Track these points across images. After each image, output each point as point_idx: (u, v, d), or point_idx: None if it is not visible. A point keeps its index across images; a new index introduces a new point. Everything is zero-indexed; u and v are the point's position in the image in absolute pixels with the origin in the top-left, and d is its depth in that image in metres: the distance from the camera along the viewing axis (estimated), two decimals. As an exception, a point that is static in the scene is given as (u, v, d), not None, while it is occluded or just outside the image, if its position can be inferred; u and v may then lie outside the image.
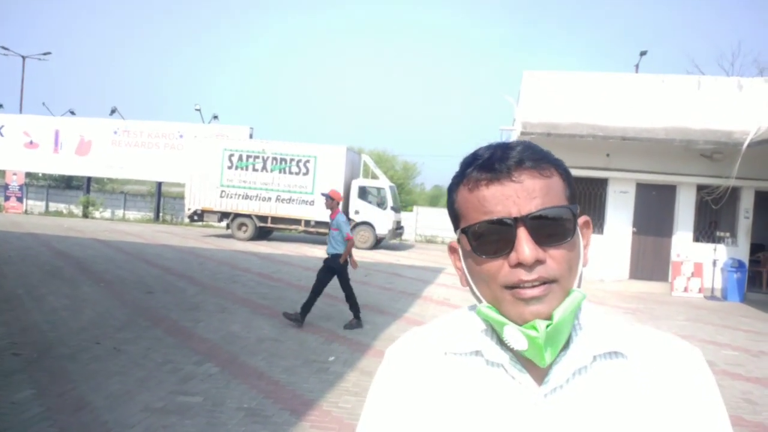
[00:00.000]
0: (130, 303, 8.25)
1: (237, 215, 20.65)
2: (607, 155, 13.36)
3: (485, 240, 0.80)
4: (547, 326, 0.77)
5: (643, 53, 25.90)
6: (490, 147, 0.84)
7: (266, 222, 20.58)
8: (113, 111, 26.94)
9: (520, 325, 0.78)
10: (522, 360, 0.83)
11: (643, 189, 13.59)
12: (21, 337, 6.09)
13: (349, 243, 7.46)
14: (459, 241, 0.87)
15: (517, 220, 0.78)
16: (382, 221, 19.97)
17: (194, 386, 4.91)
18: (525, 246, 0.77)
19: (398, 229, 21.25)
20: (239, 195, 20.62)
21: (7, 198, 27.38)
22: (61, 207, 28.28)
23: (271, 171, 20.52)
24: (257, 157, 20.65)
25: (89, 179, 28.05)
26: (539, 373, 0.82)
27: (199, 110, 27.41)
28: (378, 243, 20.39)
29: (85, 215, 27.26)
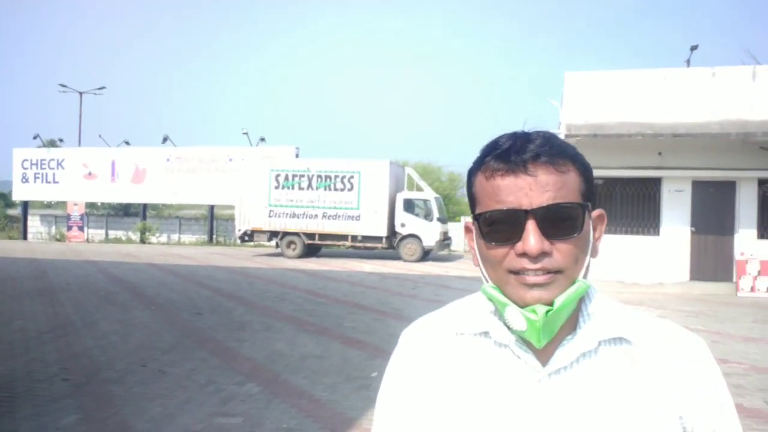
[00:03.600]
0: (179, 325, 8.38)
1: (285, 234, 20.92)
2: (659, 154, 12.80)
3: (495, 227, 0.84)
4: (547, 312, 0.80)
5: (693, 48, 24.61)
6: (511, 136, 0.86)
7: (314, 239, 20.74)
8: (165, 139, 27.82)
9: (522, 308, 0.81)
10: (527, 342, 0.85)
11: (700, 187, 12.92)
12: (71, 363, 6.24)
13: None
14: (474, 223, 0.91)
15: (527, 212, 0.81)
16: (429, 233, 19.78)
17: (235, 407, 4.88)
18: (531, 237, 0.80)
19: (446, 240, 21.00)
20: (287, 214, 20.89)
21: (69, 228, 28.66)
22: (120, 234, 29.37)
23: (317, 189, 20.72)
24: (303, 175, 20.90)
25: (145, 206, 29.07)
26: (545, 355, 0.85)
27: (246, 134, 28.03)
28: (426, 255, 20.21)
29: (143, 241, 28.21)
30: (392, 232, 20.29)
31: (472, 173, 0.90)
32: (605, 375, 0.84)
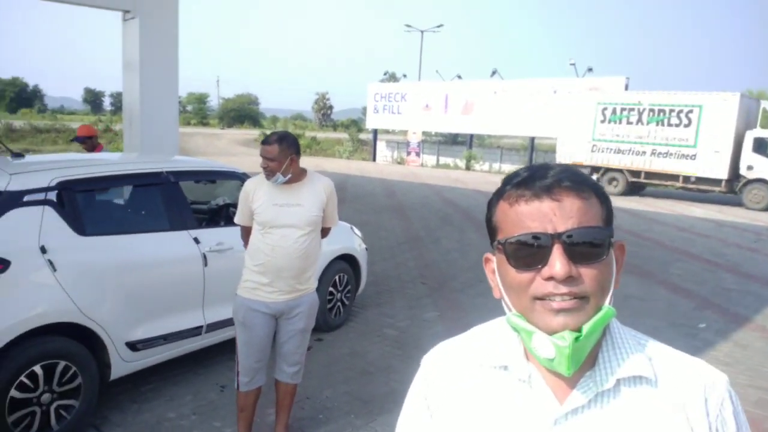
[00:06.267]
0: (506, 250, 9.31)
1: (608, 170, 20.33)
2: None
3: (521, 253, 0.84)
4: (576, 338, 0.80)
5: None
6: (530, 168, 0.90)
7: (639, 177, 19.69)
8: (494, 73, 29.15)
9: (549, 335, 0.81)
10: (548, 377, 0.87)
11: None
12: (425, 270, 7.68)
13: None
14: (495, 252, 0.91)
15: (553, 237, 0.81)
16: (784, 178, 16.92)
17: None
18: (558, 262, 0.80)
19: (807, 188, 17.67)
20: (611, 149, 20.20)
21: (408, 153, 32.78)
22: (448, 161, 32.33)
23: (648, 123, 19.41)
24: (632, 109, 19.76)
25: (472, 136, 31.25)
26: (563, 393, 0.85)
27: (573, 65, 27.44)
28: (777, 204, 17.42)
29: (467, 168, 30.60)
30: (735, 174, 17.93)
31: (492, 203, 0.90)
32: (623, 417, 0.82)
